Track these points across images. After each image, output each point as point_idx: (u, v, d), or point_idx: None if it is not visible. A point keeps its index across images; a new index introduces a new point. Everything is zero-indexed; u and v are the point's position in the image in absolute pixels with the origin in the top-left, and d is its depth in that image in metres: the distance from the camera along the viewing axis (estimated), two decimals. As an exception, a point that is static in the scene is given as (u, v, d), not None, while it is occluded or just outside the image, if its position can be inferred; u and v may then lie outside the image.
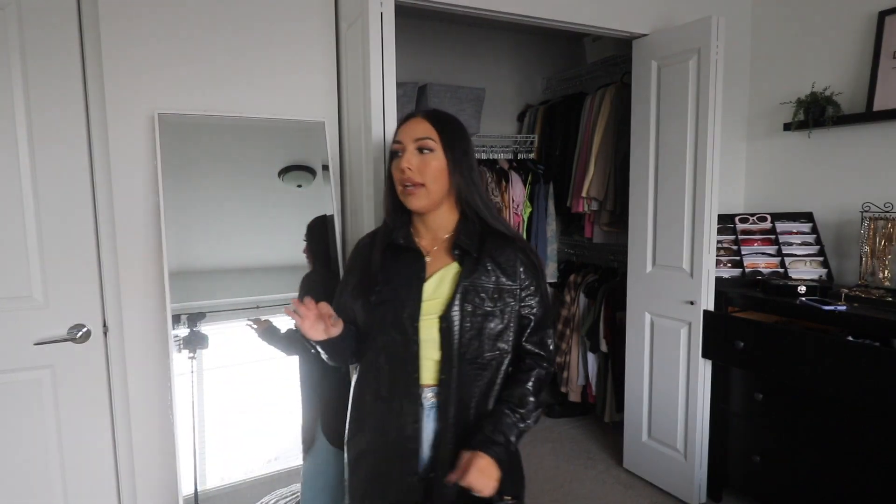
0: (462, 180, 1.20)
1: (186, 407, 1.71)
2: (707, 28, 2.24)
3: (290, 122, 1.93)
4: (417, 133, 1.19)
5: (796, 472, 2.14)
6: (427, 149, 1.18)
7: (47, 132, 1.65)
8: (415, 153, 1.19)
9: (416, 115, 1.23)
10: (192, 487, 1.71)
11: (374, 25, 1.68)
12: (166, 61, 1.76)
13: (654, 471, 2.64)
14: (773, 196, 2.78)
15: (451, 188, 1.20)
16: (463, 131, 1.24)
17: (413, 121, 1.22)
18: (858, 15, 2.44)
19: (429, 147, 1.18)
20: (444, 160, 1.19)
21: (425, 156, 1.18)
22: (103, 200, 1.75)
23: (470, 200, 1.22)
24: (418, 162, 1.18)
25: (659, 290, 2.54)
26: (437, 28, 3.52)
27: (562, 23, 2.31)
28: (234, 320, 1.81)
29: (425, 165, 1.18)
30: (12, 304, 1.64)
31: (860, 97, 2.41)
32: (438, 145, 1.18)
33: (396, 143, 1.22)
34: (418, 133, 1.19)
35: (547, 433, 3.22)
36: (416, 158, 1.18)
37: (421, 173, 1.18)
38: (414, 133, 1.20)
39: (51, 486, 1.72)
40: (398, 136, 1.22)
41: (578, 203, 3.19)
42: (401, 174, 1.19)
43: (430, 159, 1.18)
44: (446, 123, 1.22)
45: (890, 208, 2.20)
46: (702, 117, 2.29)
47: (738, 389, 2.36)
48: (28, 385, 1.67)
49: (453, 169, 1.19)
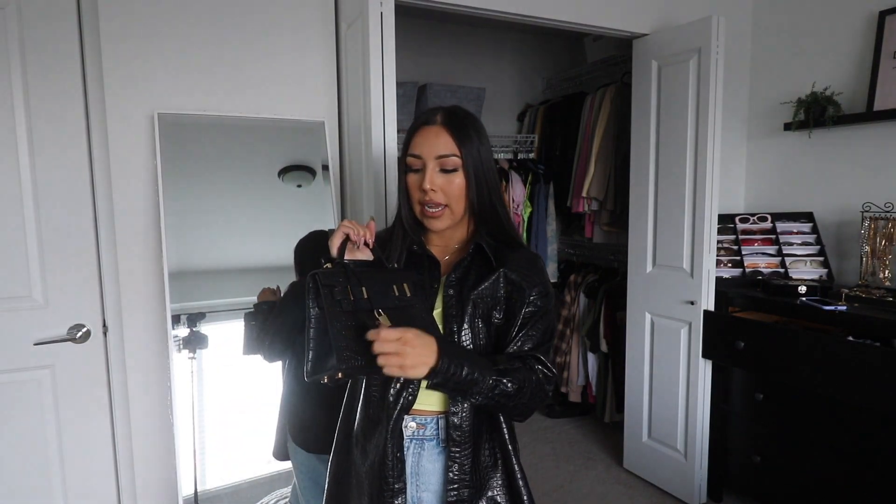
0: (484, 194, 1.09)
1: (186, 407, 1.71)
2: (707, 28, 2.24)
3: (289, 122, 1.92)
4: (439, 149, 1.06)
5: (796, 473, 2.14)
6: (451, 168, 1.06)
7: (47, 132, 1.65)
8: (437, 172, 1.06)
9: (434, 123, 1.08)
10: (192, 487, 1.71)
11: (374, 25, 1.68)
12: (166, 61, 1.76)
13: (655, 471, 2.63)
14: (773, 196, 2.78)
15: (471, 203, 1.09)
16: (481, 130, 1.12)
17: (432, 130, 1.07)
18: (858, 15, 2.43)
19: (453, 166, 1.06)
20: (464, 178, 1.07)
21: (449, 175, 1.06)
22: (103, 200, 1.75)
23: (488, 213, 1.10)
24: (442, 182, 1.06)
25: (659, 290, 2.54)
26: (437, 28, 3.52)
27: (562, 22, 2.31)
28: (234, 320, 1.80)
29: (449, 185, 1.06)
30: (12, 304, 1.64)
31: (860, 97, 2.41)
32: (461, 161, 1.06)
33: (414, 158, 1.08)
34: (440, 149, 1.06)
35: (547, 433, 3.21)
36: (439, 178, 1.06)
37: (445, 194, 1.06)
38: (435, 149, 1.06)
39: (51, 486, 1.72)
40: (416, 147, 1.08)
41: (579, 203, 3.19)
42: (422, 195, 1.06)
43: (454, 178, 1.06)
44: (467, 130, 1.08)
45: (890, 208, 2.20)
46: (702, 117, 2.29)
47: (739, 389, 2.36)
48: (28, 385, 1.67)
49: (476, 184, 1.07)
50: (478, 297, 1.04)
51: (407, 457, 1.06)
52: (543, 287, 1.08)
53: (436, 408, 1.05)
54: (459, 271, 1.07)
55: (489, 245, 1.09)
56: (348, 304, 0.91)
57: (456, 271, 1.07)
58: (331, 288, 0.92)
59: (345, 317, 0.90)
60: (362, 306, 0.93)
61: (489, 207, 1.10)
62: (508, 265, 1.07)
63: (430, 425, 1.05)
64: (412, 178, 1.09)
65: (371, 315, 0.92)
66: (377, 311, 0.93)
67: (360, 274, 0.96)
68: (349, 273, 0.95)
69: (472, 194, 1.07)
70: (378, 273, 1.00)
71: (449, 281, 1.06)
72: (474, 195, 1.08)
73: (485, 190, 1.09)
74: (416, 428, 1.06)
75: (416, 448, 1.06)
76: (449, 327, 1.03)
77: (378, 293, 0.95)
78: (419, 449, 1.06)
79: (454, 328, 1.03)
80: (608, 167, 3.04)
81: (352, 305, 0.92)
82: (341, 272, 0.95)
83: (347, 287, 0.93)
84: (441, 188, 1.06)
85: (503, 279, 1.06)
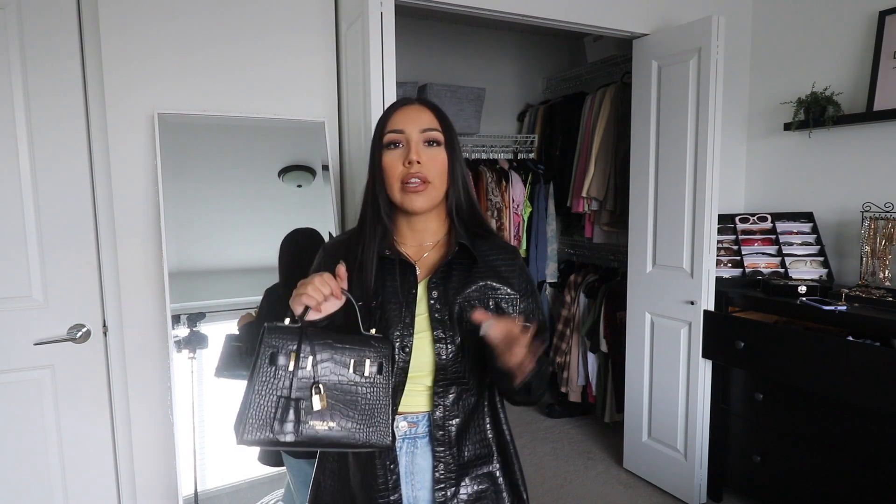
0: (461, 178, 1.08)
1: (186, 407, 1.71)
2: (707, 28, 2.24)
3: (290, 121, 1.92)
4: (423, 123, 1.04)
5: (796, 473, 2.14)
6: (435, 142, 1.04)
7: (47, 132, 1.65)
8: (423, 145, 1.03)
9: (413, 103, 1.07)
10: (192, 487, 1.71)
11: (374, 25, 1.68)
12: (166, 61, 1.76)
13: (655, 471, 2.64)
14: (773, 196, 2.78)
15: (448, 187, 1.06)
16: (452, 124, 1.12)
17: (413, 108, 1.06)
18: (859, 15, 2.43)
19: (437, 140, 1.04)
20: (446, 155, 1.05)
21: (433, 149, 1.04)
22: (103, 200, 1.75)
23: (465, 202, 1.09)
24: (426, 157, 1.02)
25: (659, 290, 2.54)
26: (437, 28, 3.52)
27: (562, 23, 2.31)
28: (234, 320, 1.81)
29: (433, 160, 1.03)
30: (12, 304, 1.64)
31: (860, 97, 2.41)
32: (443, 137, 1.05)
33: (396, 133, 1.04)
34: (424, 123, 1.04)
35: (547, 433, 3.21)
36: (424, 152, 1.03)
37: (428, 169, 1.02)
38: (419, 122, 1.04)
39: (51, 486, 1.72)
40: (397, 123, 1.04)
41: (578, 203, 3.20)
42: (407, 168, 1.01)
43: (438, 153, 1.04)
44: (443, 114, 1.09)
45: (890, 208, 2.20)
46: (702, 117, 2.29)
47: (739, 389, 2.36)
48: (28, 385, 1.67)
49: (455, 169, 1.06)
50: (464, 300, 1.02)
51: (400, 457, 1.03)
52: (529, 283, 1.10)
53: (424, 407, 1.04)
54: (440, 273, 1.03)
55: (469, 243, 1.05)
56: (285, 373, 0.88)
57: (436, 274, 1.03)
58: (275, 350, 0.88)
59: (275, 384, 0.87)
60: (303, 377, 0.89)
61: (465, 194, 1.08)
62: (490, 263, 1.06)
63: (422, 423, 1.04)
64: (391, 155, 1.04)
65: (308, 389, 0.88)
66: (315, 388, 0.88)
67: (318, 343, 0.90)
68: (302, 339, 0.90)
69: (452, 176, 1.05)
70: (342, 340, 0.92)
71: (431, 283, 1.03)
72: (453, 178, 1.06)
73: (462, 174, 1.07)
74: (407, 427, 1.03)
75: (410, 447, 1.04)
76: (436, 331, 1.01)
77: (328, 366, 0.90)
78: (412, 447, 1.04)
79: (441, 332, 1.01)
80: (608, 167, 3.04)
81: (290, 375, 0.88)
82: (295, 335, 0.90)
83: (292, 353, 0.88)
84: (426, 162, 1.02)
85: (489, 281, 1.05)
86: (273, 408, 0.87)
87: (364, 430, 0.90)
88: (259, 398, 0.87)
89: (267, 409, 0.87)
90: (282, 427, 0.87)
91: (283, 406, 0.87)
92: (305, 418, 0.88)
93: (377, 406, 0.92)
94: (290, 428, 0.87)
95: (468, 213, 1.09)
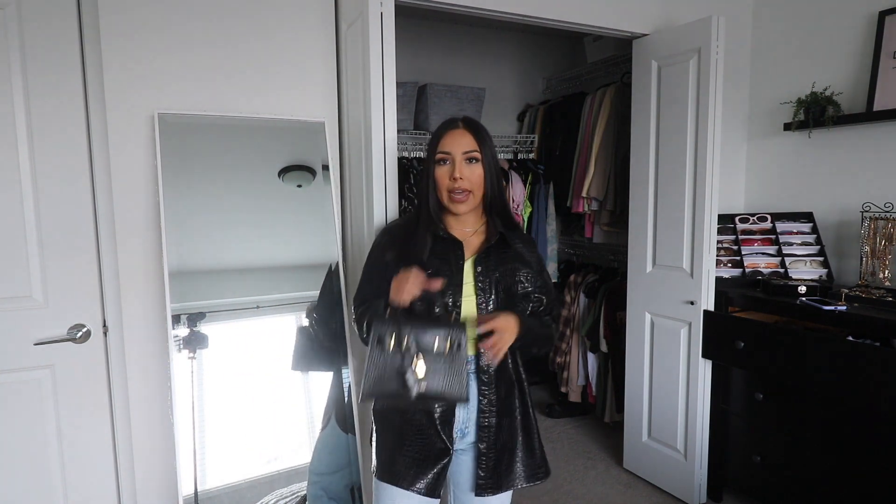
0: (496, 186, 1.40)
1: (186, 407, 1.71)
2: (707, 28, 2.24)
3: (290, 122, 1.93)
4: (464, 146, 1.36)
5: (796, 473, 2.14)
6: (474, 159, 1.36)
7: (47, 132, 1.65)
8: (464, 164, 1.36)
9: (458, 127, 1.39)
10: (192, 487, 1.71)
11: (374, 25, 1.68)
12: (167, 61, 1.76)
13: (655, 471, 2.64)
14: (773, 196, 2.78)
15: (485, 192, 1.38)
16: (489, 135, 1.41)
17: (457, 132, 1.38)
18: (858, 15, 2.44)
19: (476, 157, 1.36)
20: (482, 169, 1.37)
21: (473, 165, 1.36)
22: (103, 200, 1.75)
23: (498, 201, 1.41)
24: (467, 172, 1.36)
25: (659, 290, 2.54)
26: (437, 28, 3.52)
27: (562, 23, 2.31)
28: (234, 320, 1.81)
29: (472, 174, 1.36)
30: (12, 304, 1.64)
31: (860, 97, 2.41)
32: (481, 156, 1.36)
33: (443, 154, 1.37)
34: (465, 146, 1.36)
35: (547, 433, 3.21)
36: (465, 169, 1.35)
37: (470, 182, 1.36)
38: (461, 145, 1.36)
39: (51, 486, 1.72)
40: (445, 146, 1.37)
41: (578, 203, 3.20)
42: (452, 183, 1.35)
43: (475, 169, 1.36)
44: (483, 134, 1.38)
45: (890, 208, 2.20)
46: (702, 117, 2.29)
47: (738, 389, 2.36)
48: (28, 385, 1.67)
49: (489, 177, 1.38)
50: (500, 274, 1.36)
51: None
52: (541, 264, 1.48)
53: (471, 351, 1.36)
54: (483, 253, 1.38)
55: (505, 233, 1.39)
56: (395, 348, 1.22)
57: (480, 254, 1.38)
58: (381, 336, 1.23)
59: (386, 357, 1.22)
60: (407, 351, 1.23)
61: (499, 195, 1.42)
62: (517, 249, 1.40)
63: (473, 363, 1.36)
64: (441, 170, 1.38)
65: (411, 358, 1.22)
66: (416, 356, 1.22)
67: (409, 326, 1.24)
68: (399, 325, 1.24)
69: (487, 183, 1.38)
70: (427, 324, 1.26)
71: (477, 260, 1.37)
72: (489, 184, 1.38)
73: (496, 180, 1.40)
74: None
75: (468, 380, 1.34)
76: (479, 295, 1.34)
77: (422, 340, 1.24)
78: (468, 381, 1.33)
79: (482, 297, 1.34)
80: (608, 167, 3.04)
81: (399, 349, 1.22)
82: (394, 322, 1.24)
83: (394, 334, 1.23)
84: (467, 177, 1.35)
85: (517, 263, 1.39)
86: (391, 376, 1.22)
87: (450, 389, 1.23)
88: (378, 370, 1.22)
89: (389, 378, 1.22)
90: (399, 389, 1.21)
91: (398, 375, 1.22)
92: (412, 383, 1.21)
93: (457, 371, 1.24)
94: (402, 390, 1.21)
95: (500, 210, 1.43)
